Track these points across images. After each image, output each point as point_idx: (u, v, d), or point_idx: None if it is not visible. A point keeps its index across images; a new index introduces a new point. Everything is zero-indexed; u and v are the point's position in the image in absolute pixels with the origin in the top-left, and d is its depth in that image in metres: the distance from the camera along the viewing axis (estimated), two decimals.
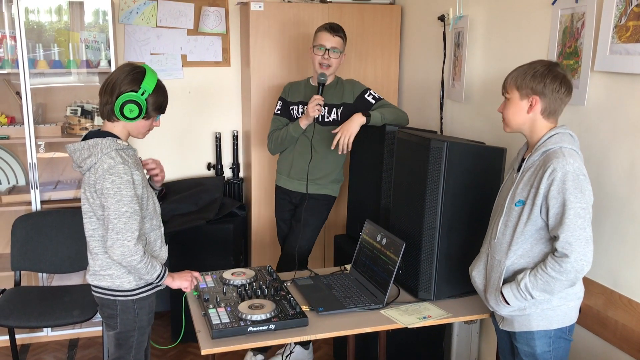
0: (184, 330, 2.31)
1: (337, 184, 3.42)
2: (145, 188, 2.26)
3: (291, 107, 3.33)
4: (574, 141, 2.07)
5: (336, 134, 3.05)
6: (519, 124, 2.12)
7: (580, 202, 1.94)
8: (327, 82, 3.24)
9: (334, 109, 3.26)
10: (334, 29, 3.17)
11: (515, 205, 2.09)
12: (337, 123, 3.23)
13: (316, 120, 3.20)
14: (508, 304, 2.08)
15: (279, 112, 3.36)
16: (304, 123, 3.17)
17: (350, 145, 3.06)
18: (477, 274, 2.24)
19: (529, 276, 2.03)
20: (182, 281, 2.40)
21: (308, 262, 3.48)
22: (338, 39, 3.16)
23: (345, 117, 3.17)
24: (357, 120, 3.04)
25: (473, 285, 2.29)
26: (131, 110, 2.19)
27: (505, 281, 2.11)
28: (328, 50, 3.14)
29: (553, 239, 2.03)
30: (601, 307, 2.34)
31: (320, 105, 3.09)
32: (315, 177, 3.32)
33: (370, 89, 3.29)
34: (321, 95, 3.12)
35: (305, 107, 3.18)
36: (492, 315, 2.34)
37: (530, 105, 2.07)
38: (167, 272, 2.32)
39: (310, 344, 3.54)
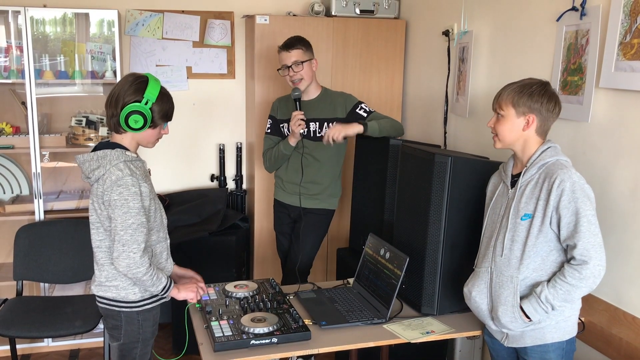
0: (187, 342, 2.31)
1: (335, 198, 3.41)
2: (152, 200, 2.25)
3: (281, 125, 3.32)
4: (562, 153, 2.14)
5: (326, 130, 3.09)
6: (513, 140, 2.15)
7: (590, 210, 2.00)
8: (315, 96, 3.25)
9: (326, 124, 3.22)
10: (288, 44, 3.16)
11: (521, 219, 2.10)
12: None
13: (308, 135, 3.22)
14: (529, 319, 2.08)
15: (269, 130, 3.36)
16: (292, 141, 3.18)
17: (337, 139, 3.01)
18: (478, 295, 2.22)
19: (548, 288, 2.04)
20: (187, 292, 2.40)
21: (309, 273, 3.48)
22: (295, 52, 3.14)
23: None
24: (355, 128, 3.04)
25: (471, 306, 2.27)
26: (136, 120, 2.19)
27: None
28: (290, 67, 3.15)
29: (566, 248, 2.06)
30: (605, 324, 2.33)
31: (302, 120, 3.10)
32: (313, 192, 3.32)
33: (362, 102, 3.26)
34: (299, 109, 3.14)
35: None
36: (487, 334, 2.33)
37: (527, 123, 2.11)
38: (172, 284, 2.32)
39: (312, 357, 3.53)
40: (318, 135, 3.23)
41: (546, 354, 2.14)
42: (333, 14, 3.87)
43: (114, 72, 3.69)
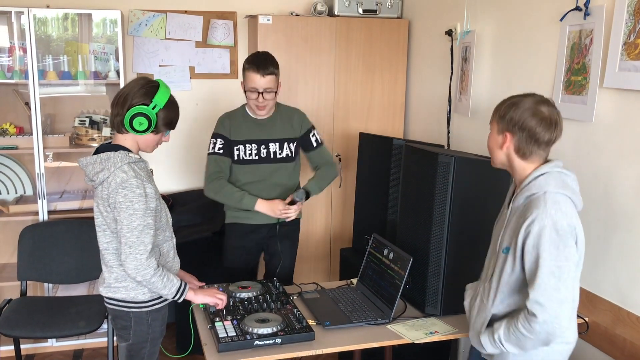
0: (193, 342, 2.31)
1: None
2: (158, 200, 2.26)
3: (235, 147, 2.99)
4: (563, 183, 1.89)
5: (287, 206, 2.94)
6: (499, 159, 2.00)
7: (554, 260, 1.79)
8: (269, 115, 3.00)
9: (286, 144, 3.02)
10: (263, 66, 2.83)
11: (503, 252, 1.98)
12: (291, 159, 3.04)
13: (268, 158, 3.00)
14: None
15: (221, 151, 2.98)
16: (260, 209, 2.92)
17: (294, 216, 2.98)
18: (467, 302, 2.18)
19: (504, 328, 1.93)
20: (206, 297, 2.36)
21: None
22: (270, 78, 2.84)
23: (297, 151, 3.07)
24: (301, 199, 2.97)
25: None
26: (140, 123, 2.19)
27: (490, 322, 2.03)
28: (261, 93, 2.86)
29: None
30: (609, 324, 2.32)
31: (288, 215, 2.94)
32: None
33: (314, 129, 3.11)
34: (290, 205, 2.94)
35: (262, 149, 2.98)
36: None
37: (503, 142, 1.94)
38: (187, 287, 2.29)
39: None
40: (279, 157, 3.01)
41: None
42: (336, 13, 3.86)
43: (117, 73, 3.70)
